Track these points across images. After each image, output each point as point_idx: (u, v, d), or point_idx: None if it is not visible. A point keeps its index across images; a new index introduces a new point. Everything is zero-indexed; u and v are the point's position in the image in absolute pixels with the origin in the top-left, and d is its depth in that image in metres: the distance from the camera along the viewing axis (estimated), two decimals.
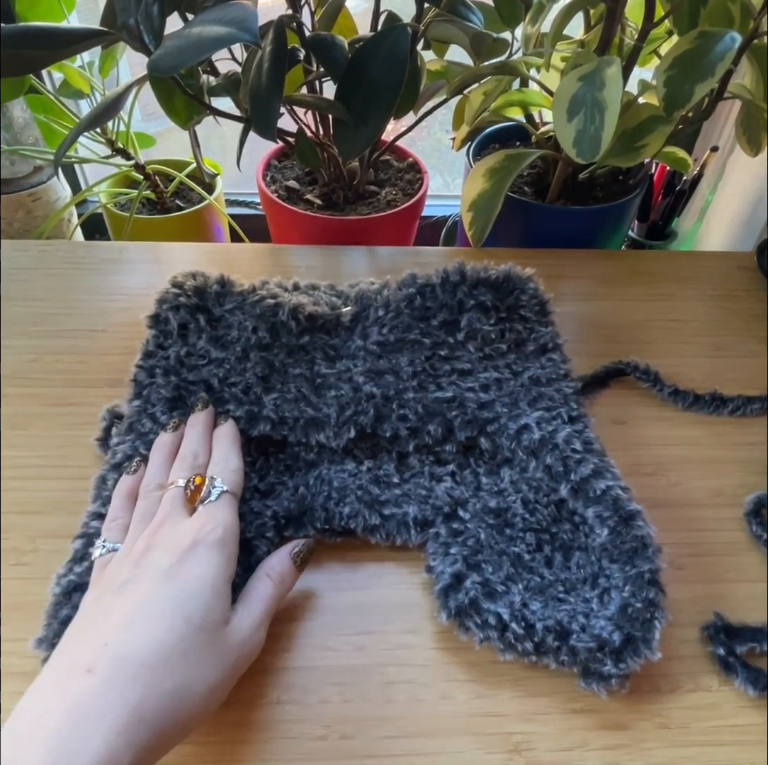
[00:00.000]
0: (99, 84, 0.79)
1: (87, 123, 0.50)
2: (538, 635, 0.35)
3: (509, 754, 0.34)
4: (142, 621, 0.29)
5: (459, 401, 0.44)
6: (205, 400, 0.43)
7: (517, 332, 0.49)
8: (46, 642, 0.34)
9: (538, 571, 0.38)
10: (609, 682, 0.34)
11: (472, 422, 0.43)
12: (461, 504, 0.41)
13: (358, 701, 0.35)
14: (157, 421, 0.43)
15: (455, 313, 0.48)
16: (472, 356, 0.47)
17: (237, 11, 0.44)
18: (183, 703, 0.27)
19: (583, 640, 0.34)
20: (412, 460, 0.44)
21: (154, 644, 0.28)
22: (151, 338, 0.47)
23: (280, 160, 0.75)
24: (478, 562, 0.38)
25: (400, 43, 0.52)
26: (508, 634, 0.35)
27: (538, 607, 0.36)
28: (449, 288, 0.48)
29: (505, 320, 0.49)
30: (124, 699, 0.26)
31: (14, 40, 0.44)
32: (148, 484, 0.38)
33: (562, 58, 0.62)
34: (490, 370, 0.47)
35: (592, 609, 0.36)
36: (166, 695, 0.27)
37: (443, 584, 0.37)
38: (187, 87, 0.55)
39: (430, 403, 0.44)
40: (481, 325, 0.48)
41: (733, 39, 0.48)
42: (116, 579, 0.31)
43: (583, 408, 0.45)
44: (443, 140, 1.13)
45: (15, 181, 0.84)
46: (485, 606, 0.36)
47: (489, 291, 0.49)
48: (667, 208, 0.80)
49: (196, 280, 0.48)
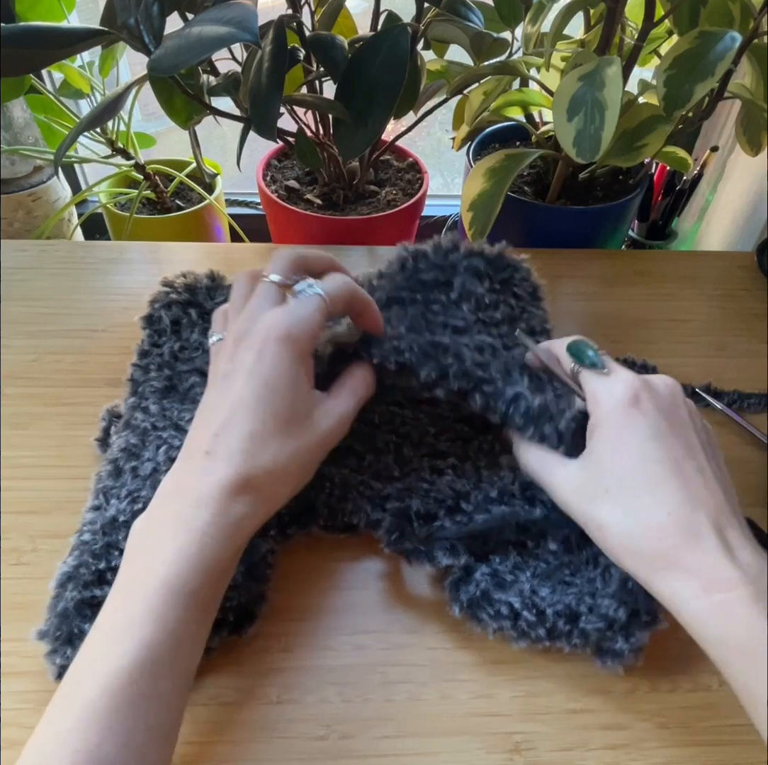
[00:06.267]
0: (99, 84, 0.79)
1: (87, 123, 0.51)
2: (549, 621, 0.35)
3: (509, 754, 0.34)
4: (240, 417, 0.33)
5: (454, 352, 0.41)
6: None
7: (510, 307, 0.48)
8: (48, 636, 0.34)
9: (543, 557, 0.39)
10: (623, 657, 0.35)
11: (468, 375, 0.40)
12: (463, 496, 0.41)
13: (358, 701, 0.35)
14: (148, 412, 0.43)
15: (448, 274, 0.47)
16: (466, 316, 0.46)
17: (237, 11, 0.44)
18: (278, 476, 0.33)
19: (592, 622, 0.35)
20: (407, 452, 0.43)
21: (253, 434, 0.33)
22: (146, 338, 0.48)
23: (280, 160, 0.75)
24: (485, 553, 0.39)
25: (400, 43, 0.52)
26: (520, 622, 0.36)
27: (547, 593, 0.37)
28: (441, 253, 0.48)
29: (498, 292, 0.48)
30: (233, 466, 0.32)
31: (14, 40, 0.44)
32: (257, 275, 0.38)
33: (562, 58, 0.62)
34: (484, 334, 0.45)
35: (597, 588, 0.36)
36: (265, 466, 0.32)
37: (453, 577, 0.38)
38: (187, 87, 0.55)
39: (424, 344, 0.41)
40: (474, 287, 0.47)
41: (733, 39, 0.48)
42: (218, 372, 0.36)
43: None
44: (443, 140, 1.13)
45: (15, 181, 0.84)
46: (496, 596, 0.36)
47: (482, 261, 0.48)
48: (667, 208, 0.80)
49: (187, 278, 0.50)
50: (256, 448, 0.32)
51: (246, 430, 0.32)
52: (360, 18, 0.65)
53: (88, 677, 0.27)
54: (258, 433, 0.33)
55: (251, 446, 0.32)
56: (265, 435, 0.33)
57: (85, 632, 0.34)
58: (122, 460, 0.41)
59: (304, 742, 0.33)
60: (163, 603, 0.28)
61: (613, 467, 0.33)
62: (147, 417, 0.43)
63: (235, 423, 0.33)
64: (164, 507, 0.32)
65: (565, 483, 0.36)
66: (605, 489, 0.33)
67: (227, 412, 0.33)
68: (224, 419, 0.33)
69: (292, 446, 0.34)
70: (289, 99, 0.58)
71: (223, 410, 0.33)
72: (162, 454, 0.41)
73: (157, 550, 0.30)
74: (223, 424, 0.33)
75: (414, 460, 0.43)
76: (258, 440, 0.32)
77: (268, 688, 0.35)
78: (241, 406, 0.33)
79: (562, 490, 0.36)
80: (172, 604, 0.28)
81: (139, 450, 0.41)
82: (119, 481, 0.40)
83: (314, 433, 0.35)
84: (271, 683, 0.35)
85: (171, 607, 0.28)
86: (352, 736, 0.34)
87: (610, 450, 0.34)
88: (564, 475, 0.36)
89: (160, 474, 0.39)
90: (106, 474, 0.41)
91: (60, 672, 0.33)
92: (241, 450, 0.32)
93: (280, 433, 0.33)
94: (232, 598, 0.37)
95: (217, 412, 0.33)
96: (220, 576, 0.31)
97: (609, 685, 0.36)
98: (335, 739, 0.34)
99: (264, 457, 0.32)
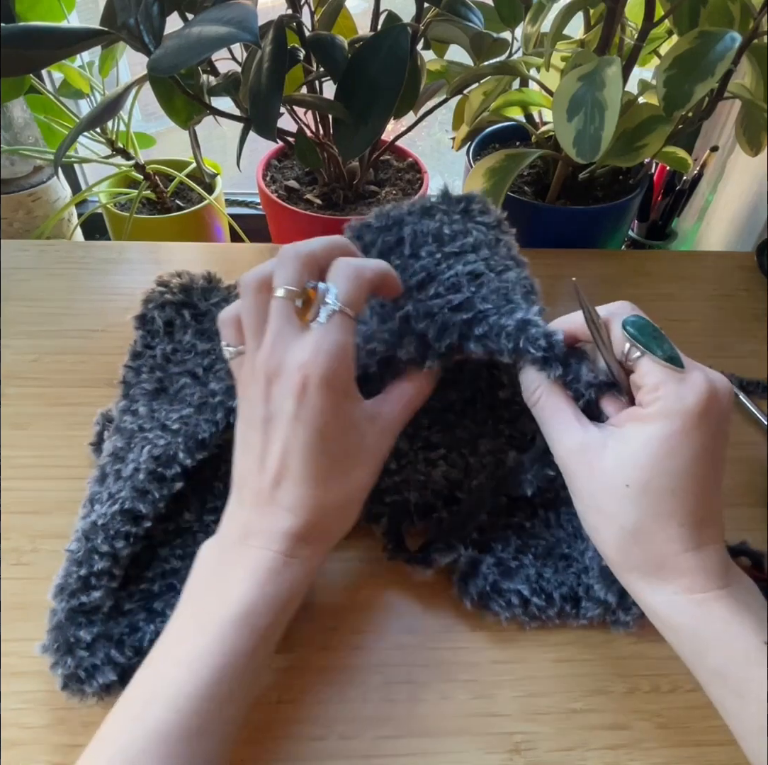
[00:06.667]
0: (99, 84, 0.79)
1: (87, 123, 0.51)
2: (557, 605, 0.38)
3: (509, 754, 0.34)
4: (296, 465, 0.32)
5: (422, 312, 0.37)
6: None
7: (483, 234, 0.42)
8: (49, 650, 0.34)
9: (542, 535, 0.40)
10: (629, 626, 0.37)
11: (448, 328, 0.36)
12: (456, 485, 0.41)
13: (358, 701, 0.35)
14: (137, 415, 0.43)
15: (396, 232, 0.41)
16: (424, 262, 0.39)
17: (237, 11, 0.44)
18: (344, 511, 0.34)
19: (590, 609, 0.37)
20: (403, 445, 0.43)
21: (314, 481, 0.32)
22: (138, 339, 0.48)
23: (280, 160, 0.75)
24: (487, 542, 0.39)
25: (400, 43, 0.52)
26: (531, 607, 0.37)
27: (551, 573, 0.38)
28: (383, 216, 0.42)
29: (459, 223, 0.42)
30: (300, 516, 0.32)
31: (14, 40, 0.44)
32: (264, 284, 0.34)
33: (562, 58, 0.62)
34: (456, 265, 0.39)
35: (587, 565, 0.38)
36: (331, 510, 0.33)
37: (461, 573, 0.38)
38: (187, 87, 0.55)
39: (391, 328, 0.38)
40: (425, 227, 0.41)
41: (733, 39, 0.48)
42: (255, 409, 0.33)
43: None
44: (443, 140, 1.13)
45: (15, 181, 0.84)
46: (505, 586, 0.37)
47: (428, 201, 0.43)
48: (667, 208, 0.80)
49: (182, 278, 0.49)
50: (319, 493, 0.32)
51: (305, 478, 0.32)
52: (360, 18, 0.65)
53: (158, 700, 0.28)
54: (318, 479, 0.32)
55: (314, 493, 0.32)
56: (326, 479, 0.32)
57: (81, 639, 0.34)
58: (108, 465, 0.40)
59: (304, 743, 0.33)
60: (235, 636, 0.29)
61: (650, 469, 0.31)
62: (135, 419, 0.42)
63: (292, 472, 0.32)
64: (235, 546, 0.32)
65: (577, 446, 0.33)
66: (626, 482, 0.32)
67: (280, 460, 0.32)
68: (280, 466, 0.32)
69: (352, 480, 0.34)
70: (289, 99, 0.58)
71: (276, 457, 0.32)
72: (146, 453, 0.39)
73: (231, 587, 0.31)
74: (279, 471, 0.32)
75: (410, 453, 0.43)
76: (320, 486, 0.32)
77: (269, 688, 0.35)
78: (296, 455, 0.32)
79: (567, 450, 0.34)
80: (243, 637, 0.29)
81: (125, 453, 0.40)
82: (104, 486, 0.39)
83: (371, 459, 0.35)
84: (271, 683, 0.35)
85: (242, 640, 0.29)
86: (352, 737, 0.34)
87: (655, 452, 0.31)
88: (579, 438, 0.33)
89: (141, 473, 0.38)
90: (93, 481, 0.40)
91: (65, 682, 0.33)
92: (305, 499, 0.32)
93: (339, 472, 0.33)
94: None
95: (269, 459, 0.32)
96: (289, 612, 0.32)
97: (609, 685, 0.36)
98: (335, 739, 0.34)
99: (328, 500, 0.33)
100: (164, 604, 0.37)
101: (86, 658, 0.33)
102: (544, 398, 0.35)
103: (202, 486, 0.41)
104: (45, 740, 0.33)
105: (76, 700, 0.33)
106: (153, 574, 0.38)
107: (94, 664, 0.33)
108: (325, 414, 0.32)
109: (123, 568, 0.36)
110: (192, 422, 0.40)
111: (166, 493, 0.38)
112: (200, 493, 0.41)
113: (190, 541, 0.39)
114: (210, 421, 0.40)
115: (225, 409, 0.40)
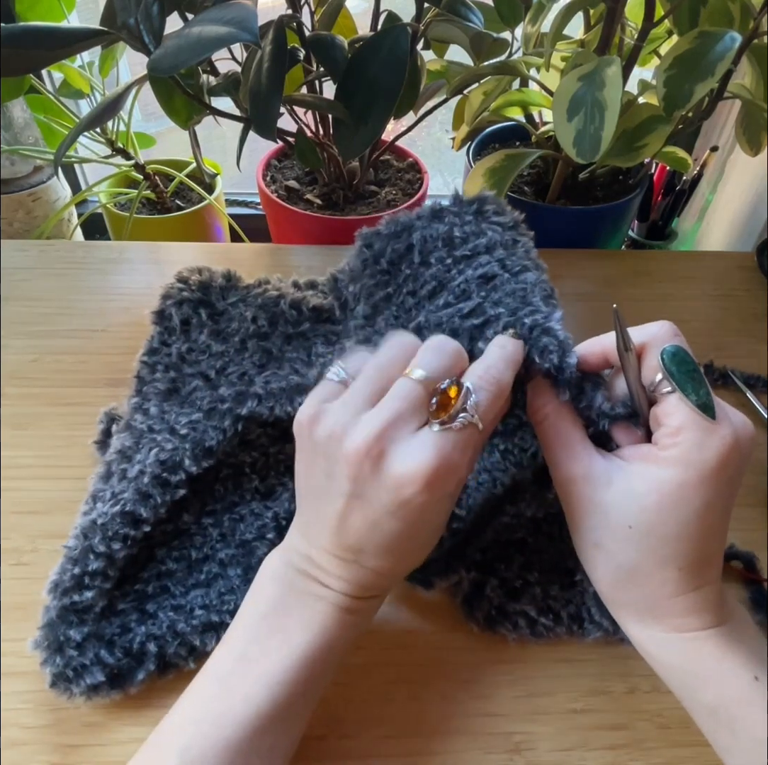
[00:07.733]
0: (99, 84, 0.79)
1: (87, 123, 0.51)
2: (565, 624, 0.38)
3: (509, 754, 0.34)
4: (377, 541, 0.30)
5: (433, 323, 0.36)
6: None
7: (499, 234, 0.40)
8: (40, 646, 0.34)
9: (546, 550, 0.39)
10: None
11: (459, 335, 0.35)
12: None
13: (358, 701, 0.35)
14: (147, 414, 0.43)
15: (405, 239, 0.41)
16: (433, 270, 0.39)
17: (237, 11, 0.44)
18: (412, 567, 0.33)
19: (593, 632, 0.37)
20: None
21: (398, 557, 0.31)
22: (155, 335, 0.47)
23: (280, 160, 0.75)
24: (489, 562, 0.39)
25: (400, 43, 0.52)
26: (538, 627, 0.37)
27: (557, 591, 0.38)
28: (393, 223, 0.43)
29: (472, 224, 0.41)
30: (377, 582, 0.32)
31: (14, 40, 0.44)
32: (411, 347, 0.32)
33: (562, 58, 0.62)
34: (466, 270, 0.38)
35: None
36: (404, 572, 0.34)
37: (464, 595, 0.38)
38: (187, 87, 0.55)
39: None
40: (435, 231, 0.40)
41: (733, 39, 0.48)
42: (339, 482, 0.30)
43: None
44: (443, 140, 1.13)
45: (15, 181, 0.84)
46: (511, 609, 0.37)
47: (439, 205, 0.42)
48: (667, 208, 0.80)
49: (202, 275, 0.48)
50: (398, 566, 0.32)
51: (384, 555, 0.31)
52: (360, 18, 0.65)
53: (228, 718, 0.29)
54: (396, 557, 0.31)
55: (392, 567, 0.32)
56: (404, 555, 0.32)
57: (71, 638, 0.34)
58: (115, 463, 0.40)
59: (304, 742, 0.33)
60: (297, 669, 0.30)
61: (657, 514, 0.30)
62: (146, 419, 0.42)
63: (373, 545, 0.30)
64: (299, 593, 0.32)
65: (580, 476, 0.31)
66: (629, 523, 0.30)
67: (363, 534, 0.30)
68: (359, 537, 0.30)
69: (428, 549, 0.33)
70: (289, 99, 0.58)
71: (357, 530, 0.30)
72: (152, 456, 0.39)
73: (296, 631, 0.31)
74: (358, 541, 0.30)
75: None
76: (398, 561, 0.32)
77: None
78: (379, 539, 0.30)
79: (568, 479, 0.32)
80: (305, 673, 0.30)
81: (133, 452, 0.40)
82: (108, 484, 0.39)
83: (444, 525, 0.33)
84: None
85: (304, 674, 0.30)
86: (353, 737, 0.34)
87: (665, 499, 0.29)
88: (583, 468, 0.31)
89: (145, 476, 0.38)
90: (97, 477, 0.40)
91: (53, 680, 0.33)
92: (384, 567, 0.31)
93: (419, 548, 0.33)
94: (231, 601, 0.37)
95: (350, 528, 0.30)
96: (348, 651, 0.33)
97: (609, 685, 0.36)
98: (335, 739, 0.34)
99: (401, 568, 0.33)
100: (157, 607, 0.37)
101: (75, 657, 0.34)
102: (551, 419, 0.33)
103: (203, 488, 0.41)
104: (45, 740, 0.33)
105: (65, 698, 0.33)
106: (148, 575, 0.38)
107: (82, 664, 0.33)
108: (424, 513, 0.30)
109: (118, 569, 0.36)
110: (200, 428, 0.40)
111: (168, 499, 0.38)
112: (200, 494, 0.41)
113: (186, 543, 0.39)
114: (218, 429, 0.39)
115: (233, 416, 0.40)
